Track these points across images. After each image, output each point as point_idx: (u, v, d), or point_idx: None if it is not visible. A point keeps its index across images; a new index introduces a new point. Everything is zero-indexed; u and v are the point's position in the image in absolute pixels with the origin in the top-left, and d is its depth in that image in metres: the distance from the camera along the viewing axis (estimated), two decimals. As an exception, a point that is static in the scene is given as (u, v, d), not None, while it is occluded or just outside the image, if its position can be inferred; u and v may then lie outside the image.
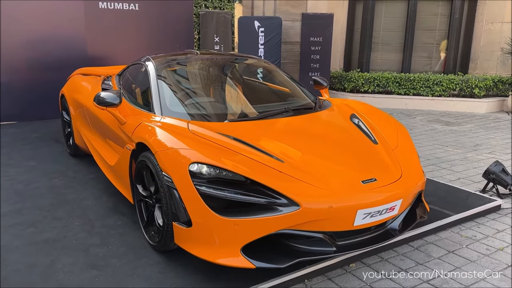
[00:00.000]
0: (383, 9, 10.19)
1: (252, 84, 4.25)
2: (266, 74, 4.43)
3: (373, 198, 2.64)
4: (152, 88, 3.54)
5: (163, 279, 2.73)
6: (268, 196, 2.52)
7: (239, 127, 3.18)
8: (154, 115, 3.35)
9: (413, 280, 2.86)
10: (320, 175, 2.70)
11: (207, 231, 2.57)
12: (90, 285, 2.65)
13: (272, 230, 2.49)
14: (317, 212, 2.50)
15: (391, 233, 2.90)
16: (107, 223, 3.49)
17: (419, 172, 3.06)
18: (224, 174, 2.57)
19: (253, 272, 2.83)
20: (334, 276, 2.88)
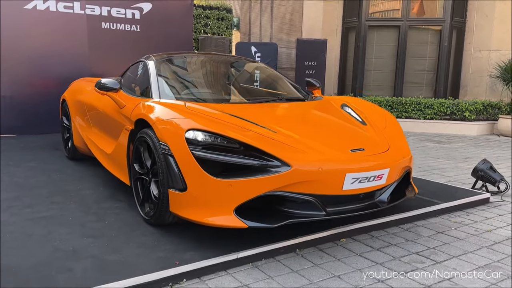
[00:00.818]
0: (375, 37, 10.62)
1: (248, 79, 4.44)
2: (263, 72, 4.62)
3: (361, 163, 2.76)
4: (151, 78, 3.70)
5: (158, 245, 2.79)
6: (261, 159, 2.63)
7: (234, 107, 3.33)
8: (152, 99, 3.50)
9: (403, 251, 2.92)
10: (310, 143, 2.83)
11: (201, 194, 2.66)
12: (85, 250, 2.70)
13: (265, 190, 2.58)
14: (307, 173, 2.61)
15: (379, 205, 2.99)
16: (103, 206, 3.56)
17: (406, 149, 3.19)
18: (218, 140, 2.69)
19: (245, 239, 2.89)
20: (325, 248, 2.94)
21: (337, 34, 10.97)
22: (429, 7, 10.30)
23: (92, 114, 4.46)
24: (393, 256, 2.84)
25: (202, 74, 4.14)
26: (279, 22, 10.42)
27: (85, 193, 3.94)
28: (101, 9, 7.85)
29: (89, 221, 3.21)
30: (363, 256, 2.83)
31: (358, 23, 10.52)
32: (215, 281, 2.45)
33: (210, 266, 2.53)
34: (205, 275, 2.51)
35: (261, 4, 10.22)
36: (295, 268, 2.63)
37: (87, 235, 2.93)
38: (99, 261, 2.54)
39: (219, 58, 4.65)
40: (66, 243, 2.80)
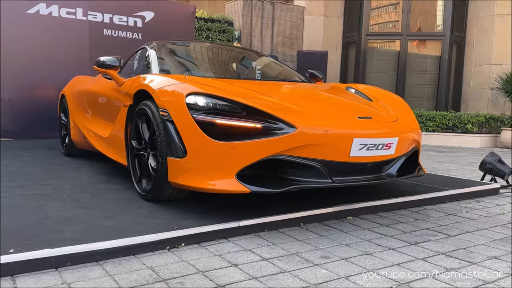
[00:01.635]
0: (375, 52, 10.66)
1: (250, 65, 4.37)
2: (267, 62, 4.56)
3: (369, 129, 2.64)
4: (151, 59, 3.63)
5: (155, 215, 2.64)
6: (264, 121, 2.51)
7: (237, 81, 3.23)
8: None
9: (413, 227, 2.77)
10: (316, 110, 2.72)
11: (202, 158, 2.53)
12: (78, 218, 2.55)
13: (268, 154, 2.46)
14: (313, 136, 2.49)
15: (386, 178, 2.86)
16: (99, 187, 3.42)
17: (414, 122, 3.08)
18: (220, 104, 2.58)
19: (247, 211, 2.75)
20: (333, 224, 2.79)
21: (337, 49, 11.03)
22: (428, 22, 10.39)
23: (90, 100, 4.37)
24: (403, 231, 2.69)
25: (204, 58, 4.07)
26: (280, 37, 10.48)
27: (81, 178, 3.80)
28: (103, 16, 7.89)
29: (83, 198, 3.07)
30: (371, 230, 2.68)
31: (358, 38, 10.59)
32: (216, 246, 2.30)
33: (210, 232, 2.38)
34: (205, 241, 2.36)
35: (262, 18, 10.31)
36: (300, 238, 2.48)
37: (82, 207, 2.79)
38: (92, 226, 2.39)
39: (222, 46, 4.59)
40: (58, 213, 2.65)
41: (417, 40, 10.53)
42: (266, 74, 4.17)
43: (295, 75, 4.16)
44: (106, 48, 7.90)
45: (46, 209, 2.72)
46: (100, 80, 4.24)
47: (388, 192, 3.54)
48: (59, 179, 3.74)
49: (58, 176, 3.85)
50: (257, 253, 2.21)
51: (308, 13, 10.75)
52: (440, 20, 10.31)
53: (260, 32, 10.31)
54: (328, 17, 10.85)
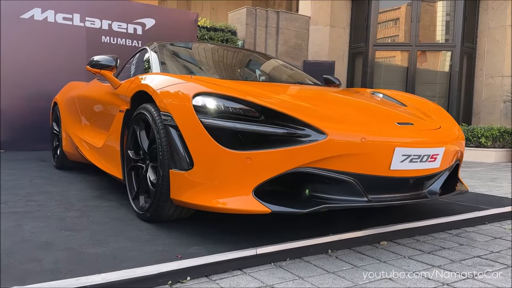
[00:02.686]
0: (383, 63, 10.31)
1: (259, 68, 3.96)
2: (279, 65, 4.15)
3: (412, 137, 2.22)
4: (152, 59, 3.23)
5: (154, 240, 2.20)
6: (287, 127, 2.09)
7: (249, 83, 2.82)
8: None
9: (461, 255, 2.33)
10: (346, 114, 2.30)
11: (212, 171, 2.10)
12: (61, 242, 2.10)
13: (292, 166, 2.03)
14: (347, 145, 2.06)
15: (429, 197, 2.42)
16: (90, 204, 2.98)
17: (459, 131, 2.66)
18: (234, 107, 2.16)
19: (263, 235, 2.32)
20: (366, 251, 2.35)
21: (343, 59, 10.67)
22: (438, 33, 10.06)
23: (83, 106, 3.95)
24: (450, 260, 2.25)
25: (211, 59, 3.66)
26: (284, 47, 10.13)
27: (70, 193, 3.36)
28: (101, 22, 7.52)
29: (70, 216, 2.63)
30: (414, 259, 2.23)
31: (365, 49, 10.25)
32: (229, 280, 1.85)
33: (221, 262, 1.94)
34: (216, 273, 1.92)
35: (267, 28, 9.97)
36: (330, 270, 2.03)
37: (66, 229, 2.34)
38: (77, 253, 1.95)
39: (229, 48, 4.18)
40: (38, 235, 2.21)
41: (427, 51, 10.19)
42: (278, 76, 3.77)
43: (311, 79, 3.76)
44: (104, 55, 7.52)
45: (25, 230, 2.28)
46: (95, 84, 3.83)
47: (422, 212, 3.10)
48: (46, 194, 3.30)
49: (45, 191, 3.41)
50: (282, 290, 1.77)
51: (314, 23, 10.43)
52: (450, 30, 9.98)
53: (264, 41, 9.96)
54: (334, 27, 10.52)
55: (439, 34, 10.16)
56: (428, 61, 10.13)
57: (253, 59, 4.07)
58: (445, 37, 10.12)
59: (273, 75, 3.77)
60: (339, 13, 10.53)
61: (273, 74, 3.80)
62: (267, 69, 3.85)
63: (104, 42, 7.54)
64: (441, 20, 10.08)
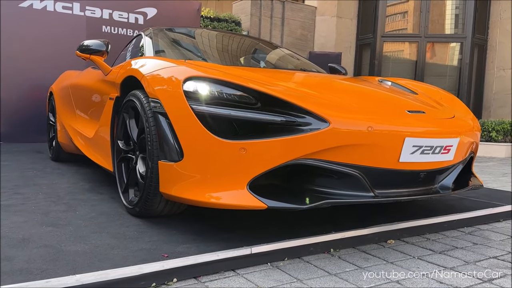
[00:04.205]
0: (391, 55, 10.06)
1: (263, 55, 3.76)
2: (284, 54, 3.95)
3: (424, 126, 2.02)
4: (145, 44, 3.04)
5: (141, 237, 2.03)
6: (287, 114, 1.90)
7: (248, 69, 2.63)
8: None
9: (475, 255, 2.14)
10: (352, 102, 2.10)
11: (203, 162, 1.92)
12: (39, 239, 1.94)
13: (291, 157, 1.84)
14: (352, 134, 1.87)
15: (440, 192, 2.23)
16: (79, 198, 2.82)
17: (474, 120, 2.45)
18: (228, 93, 1.97)
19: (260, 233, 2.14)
20: (372, 250, 2.16)
21: (350, 51, 10.43)
22: (448, 24, 9.78)
23: (76, 95, 3.78)
24: (465, 261, 2.06)
25: (210, 46, 3.46)
26: (290, 38, 9.91)
27: (60, 186, 3.20)
28: (102, 11, 7.34)
29: (55, 210, 2.46)
30: (424, 260, 2.05)
31: (373, 40, 9.99)
32: (219, 282, 1.68)
33: (212, 262, 1.76)
34: (205, 274, 1.74)
35: (272, 18, 9.74)
36: (332, 271, 1.85)
37: (48, 224, 2.18)
38: (54, 251, 1.78)
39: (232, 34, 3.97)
40: (16, 231, 2.04)
41: (436, 43, 9.92)
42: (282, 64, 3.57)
43: (317, 68, 3.56)
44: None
45: (4, 225, 2.12)
46: (88, 72, 3.67)
47: (432, 208, 2.91)
48: (34, 187, 3.14)
49: (34, 184, 3.26)
50: (277, 295, 1.59)
51: (320, 14, 10.18)
52: (460, 21, 9.70)
53: (269, 32, 9.74)
54: (341, 18, 10.26)
55: (449, 25, 9.88)
56: (438, 53, 9.86)
57: (256, 47, 3.87)
58: (455, 28, 9.84)
59: (276, 62, 3.57)
60: (346, 3, 10.27)
61: (277, 62, 3.61)
62: (271, 57, 3.65)
63: (104, 32, 7.36)
64: (451, 11, 9.80)
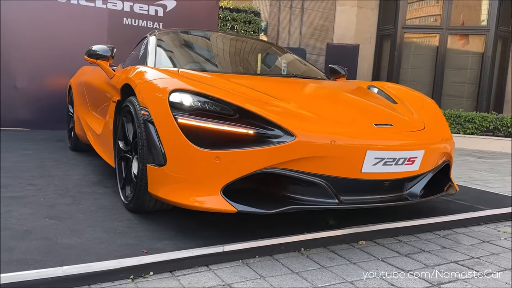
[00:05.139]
0: (412, 46, 9.97)
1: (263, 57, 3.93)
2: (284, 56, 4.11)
3: (387, 140, 2.17)
4: (149, 49, 3.26)
5: (129, 232, 2.27)
6: (258, 127, 2.09)
7: (239, 77, 2.81)
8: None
9: (438, 259, 2.29)
10: (323, 113, 2.27)
11: (182, 168, 2.14)
12: (40, 231, 2.21)
13: (260, 166, 2.03)
14: (316, 147, 2.04)
15: (409, 199, 2.38)
16: (85, 191, 3.09)
17: (446, 131, 2.57)
18: (209, 105, 2.17)
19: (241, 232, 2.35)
20: (338, 250, 2.34)
21: (370, 42, 10.38)
22: (471, 15, 9.60)
23: (89, 92, 4.06)
24: (425, 264, 2.21)
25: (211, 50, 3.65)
26: (309, 28, 9.95)
27: (71, 178, 3.49)
28: (123, 4, 7.61)
29: (61, 203, 2.74)
30: (386, 262, 2.21)
31: (394, 31, 9.92)
32: (191, 277, 1.90)
33: (185, 258, 1.99)
34: (180, 269, 1.97)
35: (291, 8, 9.80)
36: (296, 269, 2.05)
37: (52, 217, 2.45)
38: (50, 244, 2.04)
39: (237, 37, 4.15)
40: (22, 222, 2.32)
41: (458, 35, 9.77)
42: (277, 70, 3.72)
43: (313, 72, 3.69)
44: (125, 37, 7.60)
45: (12, 217, 2.40)
46: (99, 71, 3.91)
47: (414, 210, 3.04)
48: (48, 178, 3.44)
49: (48, 175, 3.56)
50: (237, 290, 1.80)
51: (341, 4, 10.16)
52: (484, 13, 9.50)
53: (289, 22, 9.81)
54: (362, 8, 10.21)
55: (472, 17, 9.69)
56: (459, 45, 9.71)
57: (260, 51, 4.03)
58: (478, 20, 9.65)
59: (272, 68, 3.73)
60: (368, -6, 10.21)
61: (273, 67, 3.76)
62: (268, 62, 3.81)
63: (125, 24, 7.64)
64: (475, 2, 9.60)
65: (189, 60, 3.30)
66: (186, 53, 3.44)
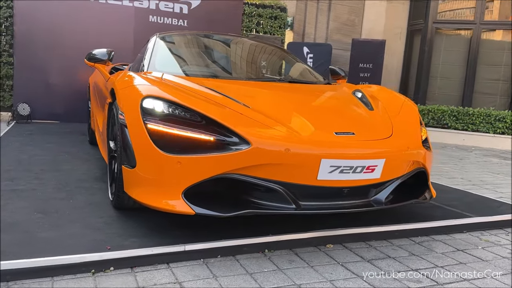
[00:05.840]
0: (443, 41, 9.66)
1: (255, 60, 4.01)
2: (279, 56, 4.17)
3: (344, 149, 2.22)
4: (147, 52, 3.42)
5: (104, 228, 2.44)
6: (219, 134, 2.19)
7: (219, 82, 2.92)
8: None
9: (399, 266, 2.32)
10: (287, 121, 2.34)
11: (149, 171, 2.28)
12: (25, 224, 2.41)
13: (218, 172, 2.14)
14: (271, 154, 2.13)
15: (374, 205, 2.41)
16: (83, 186, 3.31)
17: (415, 140, 2.57)
18: (179, 111, 2.30)
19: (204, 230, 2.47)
20: (303, 252, 2.42)
21: (400, 37, 10.15)
22: (506, 10, 9.17)
23: (97, 91, 4.30)
24: (383, 271, 2.25)
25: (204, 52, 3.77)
26: (336, 23, 9.85)
27: (76, 173, 3.73)
28: (149, 2, 7.85)
29: (55, 198, 2.96)
30: (345, 266, 2.27)
31: (424, 26, 9.64)
32: (147, 274, 2.05)
33: (146, 256, 2.14)
34: (141, 265, 2.12)
35: (318, 3, 9.73)
36: (251, 270, 2.15)
37: (41, 211, 2.66)
38: (29, 237, 2.24)
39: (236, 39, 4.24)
40: (11, 216, 2.54)
41: (492, 30, 9.37)
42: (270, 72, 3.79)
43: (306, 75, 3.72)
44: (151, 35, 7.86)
45: (6, 210, 2.64)
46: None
47: (399, 215, 3.04)
48: (55, 172, 3.70)
49: (57, 169, 3.82)
50: (186, 288, 1.93)
51: (370, -2, 9.98)
52: (521, 6, 9.05)
53: (315, 17, 9.75)
54: (392, 2, 9.98)
55: (508, 11, 9.25)
56: (493, 41, 9.31)
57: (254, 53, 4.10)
58: (515, 14, 9.21)
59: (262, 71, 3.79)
60: (398, -13, 9.97)
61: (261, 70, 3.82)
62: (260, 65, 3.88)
63: (151, 22, 7.89)
64: (511, -5, 9.16)
65: (180, 64, 3.43)
66: (178, 57, 3.57)
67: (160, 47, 3.46)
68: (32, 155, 4.37)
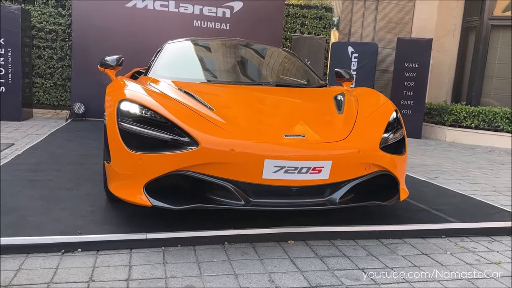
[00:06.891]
0: (500, 39, 9.09)
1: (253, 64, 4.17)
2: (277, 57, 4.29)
3: (288, 150, 2.34)
4: (155, 57, 3.74)
5: (86, 216, 2.75)
6: (176, 134, 2.42)
7: (201, 86, 3.16)
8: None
9: (348, 265, 2.40)
10: (241, 123, 2.51)
11: (119, 166, 2.57)
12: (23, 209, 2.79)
13: (173, 168, 2.37)
14: (217, 154, 2.31)
15: (327, 204, 2.50)
16: (92, 178, 3.68)
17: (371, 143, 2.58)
18: (150, 114, 2.55)
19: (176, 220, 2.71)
20: (262, 247, 2.57)
21: (454, 35, 9.68)
22: None
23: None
24: (329, 268, 2.35)
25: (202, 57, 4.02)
26: (384, 22, 9.65)
27: (95, 167, 4.11)
28: (193, 7, 8.26)
29: (63, 188, 3.35)
30: (293, 262, 2.39)
31: (479, 23, 9.14)
32: (108, 257, 2.33)
33: (110, 241, 2.42)
34: (106, 249, 2.40)
35: (365, 2, 9.59)
36: (201, 259, 2.35)
37: (42, 198, 3.05)
38: (20, 220, 2.60)
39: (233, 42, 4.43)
40: (15, 202, 2.93)
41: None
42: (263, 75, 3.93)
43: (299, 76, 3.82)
44: (194, 37, 8.29)
45: (16, 196, 3.06)
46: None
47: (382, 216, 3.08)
48: (77, 165, 4.13)
49: (81, 163, 4.26)
50: (133, 271, 2.18)
51: (421, -5, 9.65)
52: None
53: (362, 16, 9.62)
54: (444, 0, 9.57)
55: None
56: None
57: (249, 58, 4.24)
58: None
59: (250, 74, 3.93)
60: (452, -17, 9.53)
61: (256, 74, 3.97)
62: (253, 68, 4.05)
63: (195, 26, 8.30)
64: None
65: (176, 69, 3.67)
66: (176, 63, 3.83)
67: (164, 54, 3.76)
68: (68, 150, 4.88)
